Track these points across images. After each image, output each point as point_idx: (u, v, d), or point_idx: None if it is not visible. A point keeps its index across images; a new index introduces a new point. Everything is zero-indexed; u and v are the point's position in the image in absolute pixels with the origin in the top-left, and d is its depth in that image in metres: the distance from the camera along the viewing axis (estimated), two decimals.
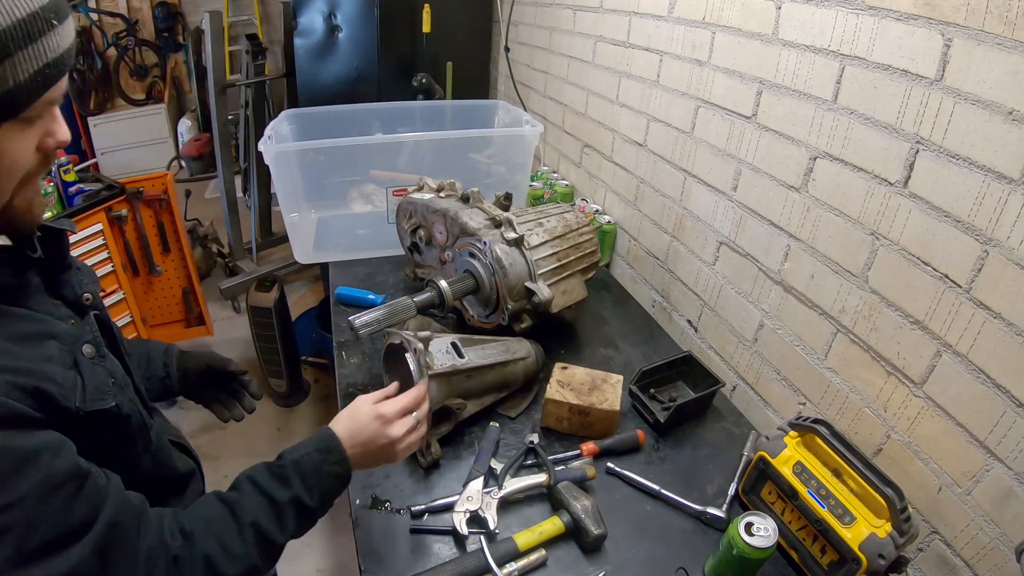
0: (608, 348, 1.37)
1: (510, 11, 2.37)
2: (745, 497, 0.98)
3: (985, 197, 0.74)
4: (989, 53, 0.72)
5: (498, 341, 1.15)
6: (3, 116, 0.51)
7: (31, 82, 0.51)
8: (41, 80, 0.52)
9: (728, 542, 0.80)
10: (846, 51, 0.92)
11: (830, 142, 0.97)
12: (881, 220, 0.90)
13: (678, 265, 1.45)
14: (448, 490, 0.97)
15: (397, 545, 0.89)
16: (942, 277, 0.81)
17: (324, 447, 0.74)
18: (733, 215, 1.23)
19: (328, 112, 1.92)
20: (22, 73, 0.50)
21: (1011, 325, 0.73)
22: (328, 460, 0.73)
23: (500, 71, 2.61)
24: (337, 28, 2.54)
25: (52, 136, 0.57)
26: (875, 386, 0.94)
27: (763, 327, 1.18)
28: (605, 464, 1.03)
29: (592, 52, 1.76)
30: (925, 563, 0.87)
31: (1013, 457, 0.74)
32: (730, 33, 1.17)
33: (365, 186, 1.74)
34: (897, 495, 0.78)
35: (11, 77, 0.49)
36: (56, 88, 0.54)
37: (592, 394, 1.08)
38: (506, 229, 1.21)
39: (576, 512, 0.89)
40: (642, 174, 1.56)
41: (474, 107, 2.16)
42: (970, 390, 0.79)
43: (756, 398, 1.23)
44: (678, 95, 1.36)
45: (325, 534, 2.06)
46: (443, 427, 1.04)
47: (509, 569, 0.84)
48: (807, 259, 1.05)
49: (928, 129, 0.81)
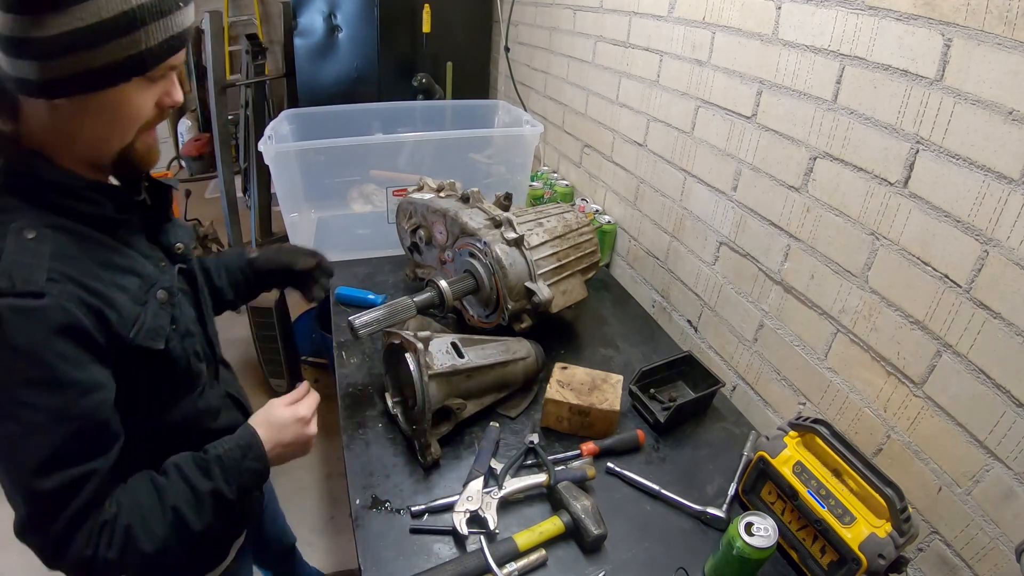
0: (608, 348, 1.37)
1: (510, 11, 2.37)
2: (745, 497, 0.98)
3: (985, 197, 0.74)
4: (989, 53, 0.72)
5: (498, 341, 1.15)
6: (133, 72, 0.63)
7: (159, 48, 0.63)
8: (167, 47, 0.64)
9: (728, 542, 0.80)
10: (846, 51, 0.92)
11: (830, 142, 0.97)
12: (881, 220, 0.90)
13: (678, 265, 1.45)
14: (448, 490, 0.97)
15: (397, 545, 0.88)
16: (942, 277, 0.81)
17: (245, 444, 0.79)
18: (733, 215, 1.23)
19: (328, 112, 1.92)
20: (153, 39, 0.62)
21: (1011, 325, 0.73)
22: (248, 456, 0.78)
23: (500, 71, 2.61)
24: (337, 28, 2.54)
25: (169, 95, 0.69)
26: (875, 386, 0.94)
27: (763, 327, 1.18)
28: (605, 464, 1.03)
29: (592, 52, 1.76)
30: (925, 563, 0.87)
31: (1013, 457, 0.74)
32: (730, 33, 1.17)
33: (365, 186, 1.74)
34: (897, 495, 0.78)
35: (144, 42, 0.61)
36: (177, 56, 0.66)
37: (592, 394, 1.08)
38: (506, 229, 1.21)
39: (576, 512, 0.89)
40: (642, 174, 1.56)
41: (474, 107, 2.16)
42: (970, 390, 0.79)
43: (756, 398, 1.23)
44: (678, 95, 1.36)
45: (325, 534, 2.05)
46: (443, 427, 1.04)
47: (509, 569, 0.84)
48: (807, 259, 1.05)
49: (928, 129, 0.81)
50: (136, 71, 0.63)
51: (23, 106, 0.65)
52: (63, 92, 0.61)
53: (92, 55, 0.59)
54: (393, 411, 1.09)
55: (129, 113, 0.66)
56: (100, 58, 0.60)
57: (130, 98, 0.65)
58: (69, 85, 0.61)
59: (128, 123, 0.67)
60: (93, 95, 0.62)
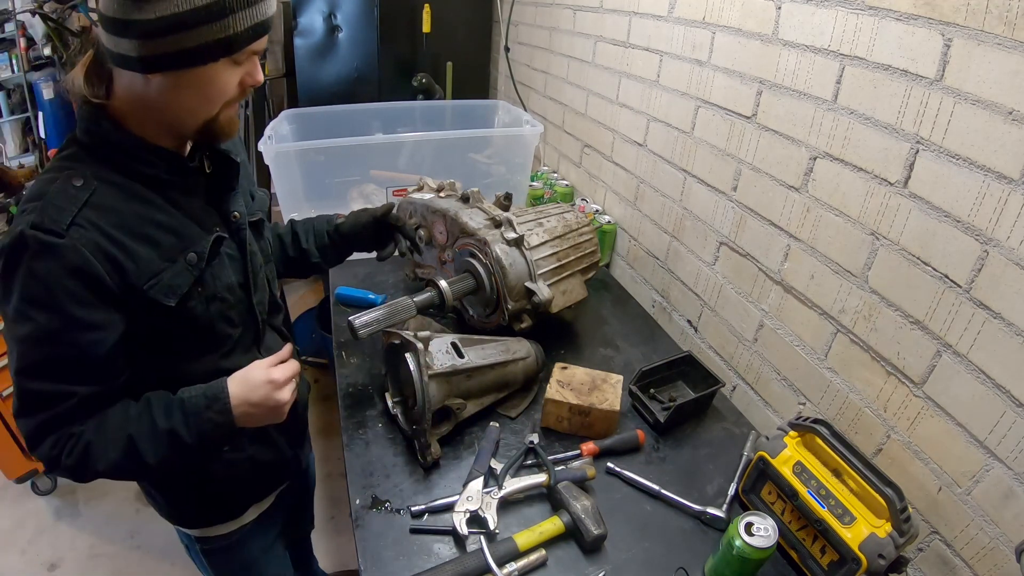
0: (608, 348, 1.37)
1: (510, 11, 2.37)
2: (745, 497, 0.98)
3: (985, 197, 0.74)
4: (989, 53, 0.72)
5: (498, 341, 1.15)
6: (222, 54, 0.70)
7: (245, 33, 0.70)
8: (252, 33, 0.71)
9: (728, 542, 0.80)
10: (846, 51, 0.92)
11: (830, 142, 0.97)
12: (881, 220, 0.90)
13: (678, 265, 1.45)
14: (448, 490, 0.97)
15: (397, 545, 0.88)
16: (942, 277, 0.81)
17: (212, 395, 0.82)
18: (733, 215, 1.23)
19: (328, 112, 1.92)
20: (240, 25, 0.69)
21: (1011, 325, 0.73)
22: (212, 408, 0.81)
23: (500, 71, 2.61)
24: (337, 28, 2.54)
25: (251, 76, 0.77)
26: (875, 386, 0.94)
27: (763, 327, 1.18)
28: (605, 464, 1.03)
29: (592, 52, 1.76)
30: (925, 563, 0.87)
31: (1013, 457, 0.74)
32: (730, 33, 1.17)
33: (365, 186, 1.74)
34: (897, 495, 0.78)
35: (232, 27, 0.68)
36: (260, 42, 0.73)
37: (592, 394, 1.08)
38: (506, 229, 1.21)
39: (576, 512, 0.89)
40: (642, 174, 1.56)
41: (474, 107, 2.16)
42: (970, 390, 0.79)
43: (756, 398, 1.23)
44: (678, 95, 1.36)
45: (325, 534, 2.06)
46: (443, 427, 1.04)
47: (509, 569, 0.84)
48: (807, 259, 1.05)
49: (928, 129, 0.81)
50: (224, 53, 0.70)
51: (117, 78, 0.73)
52: (159, 68, 0.69)
53: (186, 37, 0.66)
54: (393, 411, 1.09)
55: (216, 90, 0.74)
56: (193, 40, 0.67)
57: (218, 76, 0.72)
58: (165, 62, 0.68)
59: (215, 98, 0.75)
60: (185, 72, 0.70)
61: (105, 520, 2.07)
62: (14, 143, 3.15)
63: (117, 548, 1.98)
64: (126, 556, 1.95)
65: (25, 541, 2.00)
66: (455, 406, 1.03)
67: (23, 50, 2.96)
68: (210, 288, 0.84)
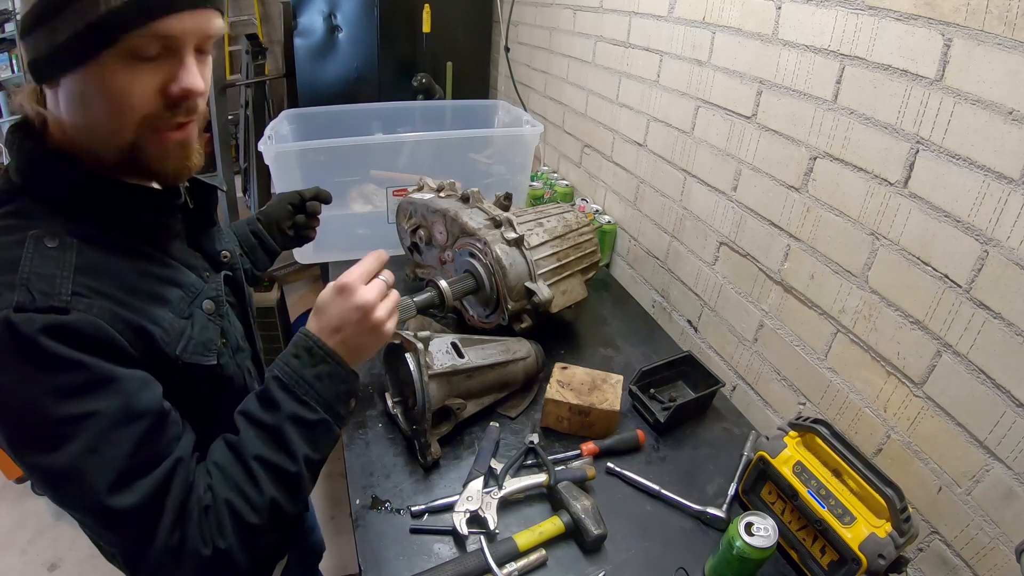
0: (608, 348, 1.37)
1: (510, 11, 2.37)
2: (745, 497, 0.98)
3: (985, 197, 0.74)
4: (989, 53, 0.72)
5: (498, 341, 1.15)
6: (99, 42, 0.51)
7: (124, 7, 0.50)
8: (136, 8, 0.50)
9: (728, 542, 0.80)
10: (846, 51, 0.92)
11: (830, 142, 0.97)
12: (881, 220, 0.90)
13: (678, 265, 1.45)
14: (448, 490, 0.97)
15: (397, 545, 0.88)
16: (942, 277, 0.81)
17: (302, 347, 0.66)
18: (733, 215, 1.23)
19: (328, 112, 1.91)
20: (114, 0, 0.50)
21: (1011, 325, 0.73)
22: (310, 362, 0.66)
23: (500, 71, 2.61)
24: (337, 28, 2.54)
25: (176, 80, 0.55)
26: (875, 386, 0.94)
27: (763, 327, 1.18)
28: (605, 464, 1.03)
29: (592, 52, 1.76)
30: (925, 563, 0.87)
31: (1013, 457, 0.74)
32: (730, 33, 1.17)
33: (365, 186, 1.74)
34: (897, 495, 0.78)
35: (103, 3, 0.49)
36: (167, 24, 0.52)
37: (592, 394, 1.08)
38: (506, 229, 1.21)
39: (576, 512, 0.89)
40: (642, 174, 1.56)
41: (474, 107, 2.16)
42: (970, 390, 0.79)
43: (756, 398, 1.23)
44: (678, 95, 1.36)
45: (325, 534, 2.05)
46: (443, 427, 1.04)
47: (509, 569, 0.84)
48: (807, 259, 1.05)
49: (928, 129, 0.81)
50: (101, 40, 0.51)
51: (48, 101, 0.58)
52: (46, 74, 0.54)
53: (56, 27, 0.51)
54: (393, 411, 1.09)
55: (119, 100, 0.54)
56: (64, 29, 0.51)
57: (114, 80, 0.53)
58: (46, 65, 0.54)
59: (120, 112, 0.55)
60: (78, 78, 0.53)
61: None
62: None
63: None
64: None
65: (25, 541, 2.00)
66: (455, 406, 1.03)
67: None
68: (231, 339, 0.71)
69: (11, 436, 0.52)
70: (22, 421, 0.51)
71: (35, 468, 0.52)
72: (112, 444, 0.53)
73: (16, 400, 0.51)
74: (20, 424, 0.52)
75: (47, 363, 0.50)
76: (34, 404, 0.51)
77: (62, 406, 0.51)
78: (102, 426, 0.52)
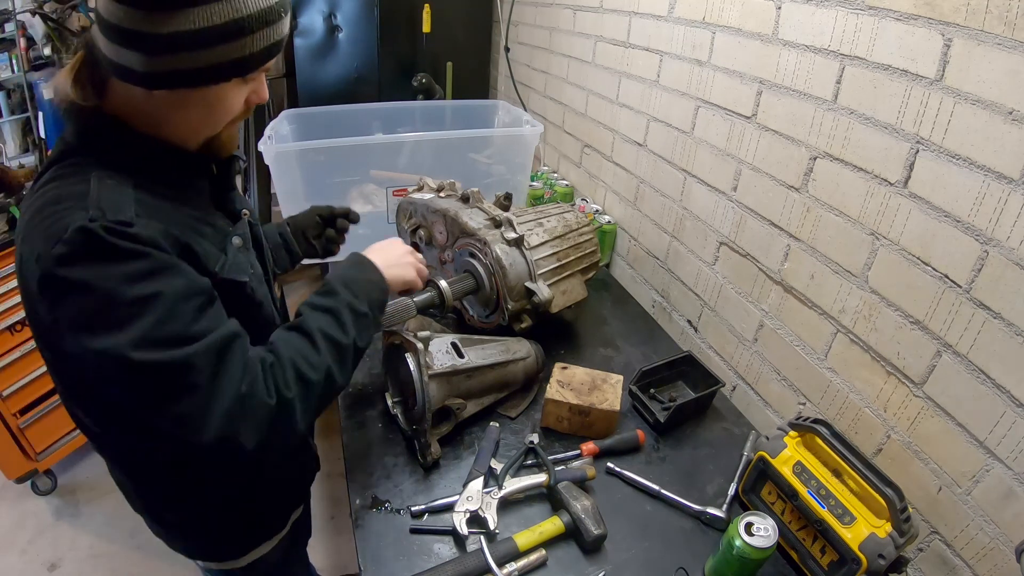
0: (608, 348, 1.37)
1: (510, 11, 2.37)
2: (745, 497, 0.98)
3: (985, 197, 0.74)
4: (989, 53, 0.72)
5: (498, 341, 1.15)
6: (234, 74, 0.66)
7: (260, 54, 0.67)
8: (267, 53, 0.68)
9: (728, 542, 0.80)
10: (846, 51, 0.92)
11: (830, 142, 0.97)
12: (881, 220, 0.90)
13: (678, 265, 1.45)
14: (448, 490, 0.97)
15: (397, 545, 0.88)
16: (942, 277, 0.81)
17: (357, 261, 0.89)
18: (733, 215, 1.23)
19: (328, 112, 1.91)
20: (257, 46, 0.65)
21: (1011, 325, 0.73)
22: (362, 271, 0.87)
23: (500, 71, 2.61)
24: (337, 28, 2.54)
25: (257, 93, 0.74)
26: (875, 386, 0.94)
27: (763, 327, 1.18)
28: (605, 464, 1.03)
29: (592, 52, 1.76)
30: (925, 563, 0.87)
31: (1013, 457, 0.74)
32: (730, 33, 1.17)
33: (365, 186, 1.74)
34: (897, 495, 0.78)
35: (249, 48, 0.65)
36: (271, 61, 0.70)
37: (592, 394, 1.08)
38: (506, 229, 1.21)
39: (576, 512, 0.89)
40: (642, 174, 1.56)
41: (474, 107, 2.16)
42: (970, 390, 0.79)
43: (756, 398, 1.23)
44: (678, 95, 1.36)
45: (325, 534, 2.06)
46: (443, 427, 1.04)
47: (509, 569, 0.84)
48: (807, 259, 1.05)
49: (928, 129, 0.81)
50: (237, 73, 0.66)
51: (113, 86, 0.67)
52: (164, 85, 0.64)
53: (198, 56, 0.62)
54: (393, 411, 1.09)
55: (223, 108, 0.71)
56: (206, 59, 0.63)
57: (226, 95, 0.69)
58: (171, 79, 0.63)
59: (221, 117, 0.72)
60: (193, 90, 0.66)
61: (105, 520, 2.08)
62: (14, 143, 3.15)
63: (117, 548, 1.98)
64: (126, 556, 1.96)
65: (25, 541, 2.00)
66: (455, 406, 1.03)
67: (23, 50, 2.96)
68: (257, 272, 0.82)
69: (92, 324, 0.60)
70: (101, 308, 0.60)
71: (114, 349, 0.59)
72: (178, 315, 0.62)
73: (95, 292, 0.59)
74: (100, 311, 0.60)
75: (117, 256, 0.60)
76: (110, 292, 0.59)
77: (133, 288, 0.60)
78: (167, 302, 0.62)
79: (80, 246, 0.58)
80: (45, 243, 0.59)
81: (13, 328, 1.95)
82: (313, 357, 0.73)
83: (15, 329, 1.95)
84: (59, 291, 0.60)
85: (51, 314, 0.61)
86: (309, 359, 0.72)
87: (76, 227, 0.58)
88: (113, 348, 0.59)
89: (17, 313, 1.94)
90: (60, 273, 0.59)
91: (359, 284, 0.84)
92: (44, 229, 0.60)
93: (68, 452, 2.16)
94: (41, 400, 2.04)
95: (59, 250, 0.58)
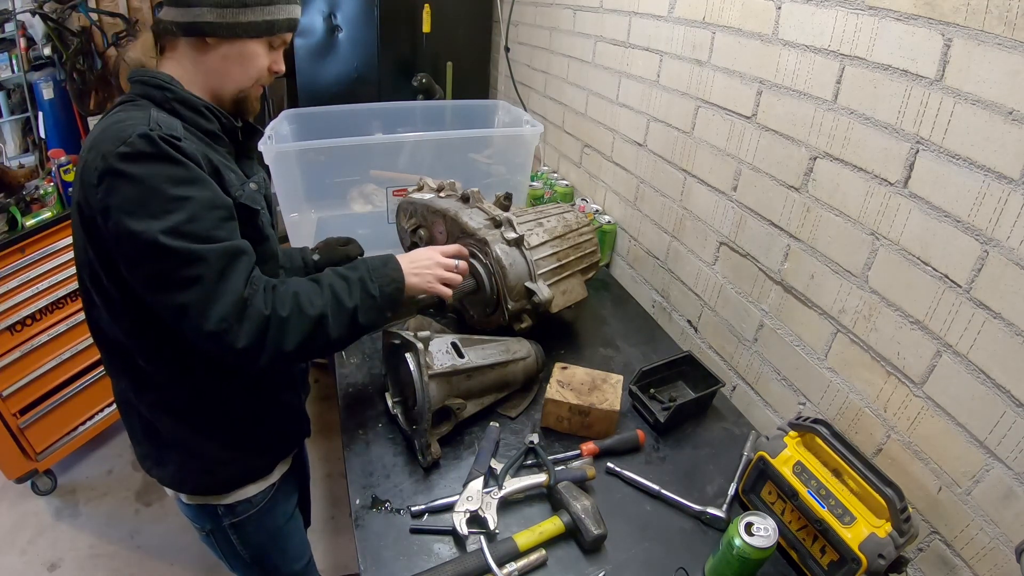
0: (608, 348, 1.37)
1: (510, 11, 2.37)
2: (745, 497, 0.98)
3: (985, 197, 0.74)
4: (989, 53, 0.72)
5: (498, 341, 1.15)
6: (265, 32, 0.87)
7: (283, 22, 0.89)
8: (286, 24, 0.89)
9: (728, 542, 0.80)
10: (846, 51, 0.92)
11: (830, 142, 0.97)
12: (881, 220, 0.90)
13: (678, 265, 1.45)
14: (448, 490, 0.97)
15: (397, 545, 0.88)
16: (942, 277, 0.81)
17: (385, 257, 0.98)
18: (733, 215, 1.23)
19: (328, 112, 1.91)
20: (281, 15, 0.88)
21: (1011, 325, 0.73)
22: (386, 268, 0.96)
23: (500, 71, 2.61)
24: (337, 28, 2.54)
25: (276, 63, 0.93)
26: (875, 386, 0.94)
27: (763, 327, 1.18)
28: (605, 464, 1.03)
29: (592, 52, 1.76)
30: (925, 563, 0.87)
31: (1013, 457, 0.74)
32: (730, 33, 1.17)
33: (365, 186, 1.74)
34: (897, 495, 0.78)
35: (275, 14, 0.87)
36: (287, 35, 0.91)
37: (592, 394, 1.08)
38: (506, 229, 1.21)
39: (576, 512, 0.89)
40: (642, 174, 1.56)
41: (474, 107, 2.16)
42: (970, 390, 0.79)
43: (756, 398, 1.23)
44: (678, 95, 1.36)
45: (325, 534, 2.06)
46: (443, 427, 1.04)
47: (509, 569, 0.84)
48: (807, 259, 1.05)
49: (928, 129, 0.81)
50: (267, 32, 0.87)
51: (169, 47, 0.87)
52: (221, 34, 0.83)
53: (244, 11, 0.83)
54: (393, 411, 1.09)
55: (255, 66, 0.90)
56: (248, 16, 0.84)
57: (257, 55, 0.88)
58: (225, 29, 0.83)
59: (253, 74, 0.90)
60: (235, 44, 0.86)
61: (105, 520, 2.08)
62: (14, 143, 3.15)
63: (117, 548, 1.98)
64: (126, 556, 1.95)
65: (25, 541, 2.00)
66: (455, 406, 1.03)
67: (23, 50, 2.96)
68: (266, 216, 0.95)
69: (136, 210, 0.74)
70: (146, 199, 0.74)
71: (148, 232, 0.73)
72: (203, 219, 0.77)
73: (144, 184, 0.74)
74: (145, 201, 0.74)
75: (166, 159, 0.76)
76: (155, 187, 0.74)
77: (173, 188, 0.75)
78: (197, 206, 0.77)
79: (140, 147, 0.74)
80: (112, 144, 0.74)
81: (13, 328, 1.94)
82: (315, 298, 0.86)
83: (15, 329, 1.95)
84: (116, 180, 0.74)
85: (104, 200, 0.74)
86: (311, 297, 0.85)
87: (139, 133, 0.74)
88: (148, 231, 0.73)
89: (17, 313, 1.94)
90: (120, 167, 0.73)
91: (378, 272, 0.94)
92: (112, 135, 0.75)
93: (68, 452, 2.16)
94: (41, 400, 2.04)
95: (123, 149, 0.73)
